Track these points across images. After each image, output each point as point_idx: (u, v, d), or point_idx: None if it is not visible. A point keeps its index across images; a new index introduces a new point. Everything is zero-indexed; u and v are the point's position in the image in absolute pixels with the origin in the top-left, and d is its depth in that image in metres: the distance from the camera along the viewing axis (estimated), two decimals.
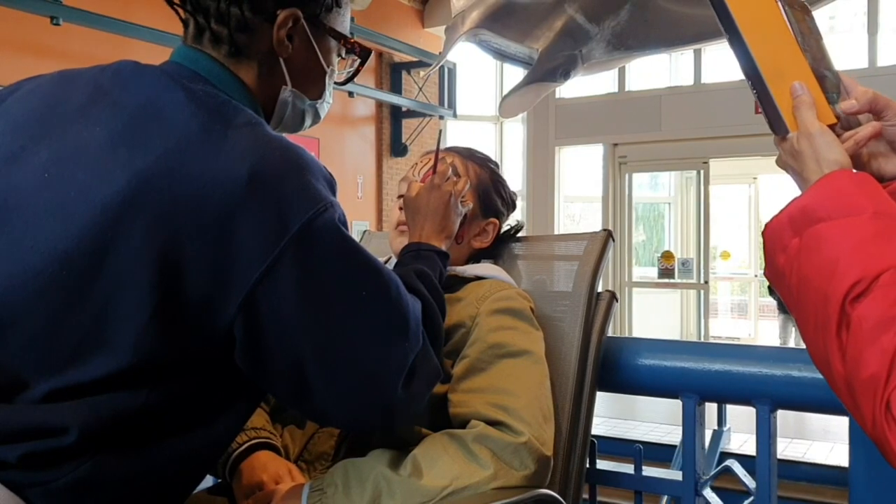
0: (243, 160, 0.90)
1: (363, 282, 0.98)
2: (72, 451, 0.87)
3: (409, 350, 1.01)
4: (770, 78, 0.89)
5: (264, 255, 0.89)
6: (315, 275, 0.93)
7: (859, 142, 0.88)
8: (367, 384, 0.99)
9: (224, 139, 0.92)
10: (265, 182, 0.90)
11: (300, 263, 0.91)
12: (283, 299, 0.91)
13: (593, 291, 1.53)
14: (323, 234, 0.93)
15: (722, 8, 0.89)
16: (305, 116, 1.15)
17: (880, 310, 0.72)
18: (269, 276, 0.90)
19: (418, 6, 9.14)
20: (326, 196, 0.95)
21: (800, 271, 0.81)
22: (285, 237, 0.90)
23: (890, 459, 0.71)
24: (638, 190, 9.17)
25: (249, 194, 0.89)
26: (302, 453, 1.33)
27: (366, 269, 0.99)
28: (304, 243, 0.91)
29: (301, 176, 0.94)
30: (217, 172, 0.89)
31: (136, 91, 0.98)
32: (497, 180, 1.54)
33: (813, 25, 0.95)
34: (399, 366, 1.00)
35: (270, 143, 0.95)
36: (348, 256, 0.97)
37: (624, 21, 4.25)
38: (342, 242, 0.96)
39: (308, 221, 0.91)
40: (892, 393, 0.69)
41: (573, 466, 1.44)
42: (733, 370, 1.48)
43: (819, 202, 0.82)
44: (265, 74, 1.07)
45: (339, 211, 0.97)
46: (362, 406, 1.01)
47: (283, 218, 0.90)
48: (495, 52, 4.33)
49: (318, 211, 0.93)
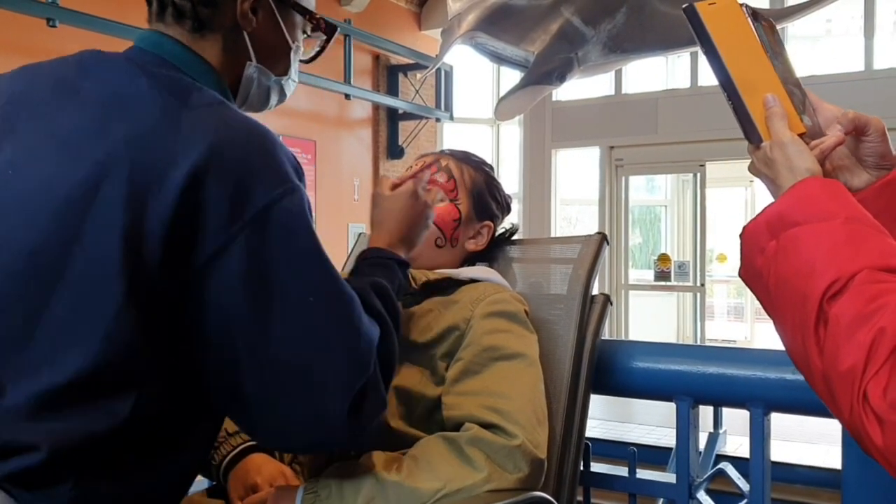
0: (204, 140, 0.88)
1: (315, 285, 0.93)
2: (44, 471, 0.84)
3: (358, 373, 0.95)
4: (744, 90, 0.94)
5: (216, 235, 0.86)
6: (264, 265, 0.89)
7: (825, 150, 0.93)
8: (305, 396, 0.92)
9: (186, 121, 0.90)
10: (226, 160, 0.88)
11: (252, 250, 0.88)
12: (226, 288, 0.88)
13: (588, 294, 1.53)
14: (282, 220, 0.90)
15: (698, 25, 0.94)
16: (271, 94, 1.12)
17: (856, 307, 0.77)
18: (217, 261, 0.87)
19: (415, 9, 9.14)
20: (291, 178, 0.92)
21: (777, 272, 0.85)
22: (242, 218, 0.87)
23: (867, 448, 0.75)
24: (634, 193, 9.17)
25: (209, 173, 0.86)
26: (296, 456, 1.33)
27: (321, 271, 0.94)
28: (260, 227, 0.88)
29: (265, 155, 0.91)
30: (177, 155, 0.87)
31: (99, 81, 0.96)
32: (492, 183, 1.54)
33: (780, 43, 1.00)
34: (344, 385, 0.94)
35: (233, 122, 0.93)
36: (304, 250, 0.93)
37: (620, 24, 4.26)
38: (302, 232, 0.92)
39: (270, 203, 0.88)
40: (869, 384, 0.73)
41: (567, 469, 1.44)
42: (727, 373, 1.48)
43: (794, 207, 0.87)
44: (229, 50, 1.05)
45: (305, 196, 0.93)
46: (298, 421, 0.94)
47: (243, 198, 0.87)
48: (491, 55, 4.34)
49: (284, 192, 0.90)
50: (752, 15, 0.96)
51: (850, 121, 0.96)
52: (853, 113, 0.97)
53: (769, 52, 0.96)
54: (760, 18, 0.98)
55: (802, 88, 0.99)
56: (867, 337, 0.74)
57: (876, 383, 0.73)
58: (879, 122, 0.97)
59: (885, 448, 0.72)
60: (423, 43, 8.89)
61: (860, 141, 0.98)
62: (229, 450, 1.30)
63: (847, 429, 0.78)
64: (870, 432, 0.73)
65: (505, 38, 4.15)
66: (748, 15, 0.96)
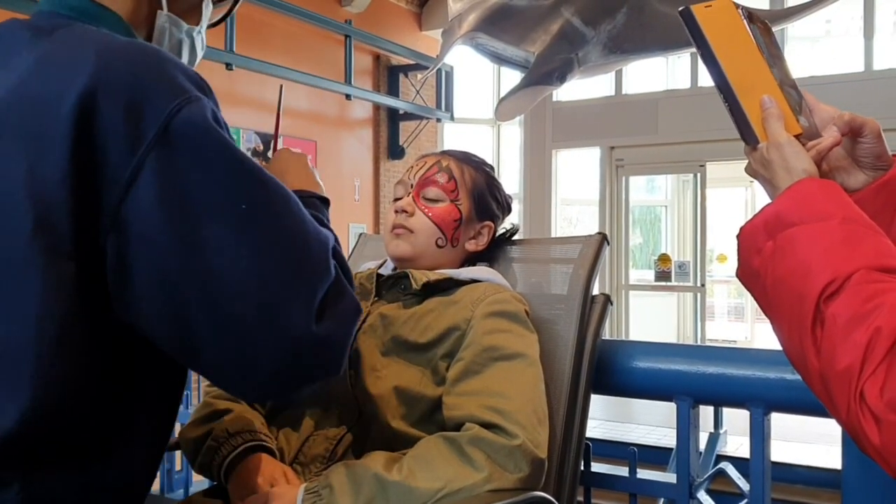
0: (83, 71, 0.81)
1: (243, 191, 0.84)
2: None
3: (316, 279, 0.86)
4: (740, 91, 0.94)
5: (124, 167, 0.79)
6: (179, 185, 0.81)
7: (822, 151, 0.94)
8: (262, 318, 0.82)
9: (65, 56, 0.84)
10: (113, 83, 0.81)
11: (161, 173, 0.80)
12: (146, 220, 0.79)
13: (588, 294, 1.53)
14: (187, 132, 0.82)
15: (694, 27, 0.95)
16: (182, 48, 1.06)
17: (852, 307, 0.77)
18: (132, 193, 0.79)
19: (416, 9, 9.15)
20: (189, 89, 0.84)
21: (774, 272, 0.86)
22: (142, 141, 0.80)
23: (864, 447, 0.76)
24: (634, 193, 9.18)
25: (95, 103, 0.80)
26: (297, 456, 1.34)
27: (246, 176, 0.85)
28: (164, 145, 0.80)
29: (155, 70, 0.84)
30: (60, 89, 0.80)
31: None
32: (492, 184, 1.54)
33: (776, 44, 1.01)
34: (303, 294, 0.84)
35: (116, 44, 0.86)
36: (221, 158, 0.83)
37: (620, 25, 4.27)
38: (212, 141, 0.83)
39: (167, 120, 0.81)
40: (866, 383, 0.74)
41: (567, 469, 1.45)
42: (727, 373, 1.48)
43: (791, 208, 0.87)
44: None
45: (210, 106, 0.85)
46: (260, 346, 0.83)
47: (138, 121, 0.80)
48: (492, 56, 4.35)
49: (179, 105, 0.82)
50: (747, 17, 0.97)
51: (846, 122, 0.97)
52: (849, 114, 0.98)
53: (765, 54, 0.97)
54: (756, 20, 0.98)
55: (799, 89, 1.00)
56: (864, 336, 0.75)
57: (873, 383, 0.73)
58: (875, 124, 0.98)
59: (882, 447, 0.73)
60: (424, 43, 8.89)
61: (856, 142, 0.98)
62: (230, 450, 1.30)
63: (844, 428, 0.79)
64: (867, 432, 0.74)
65: (505, 39, 4.16)
66: (744, 17, 0.97)
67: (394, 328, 1.38)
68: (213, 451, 1.32)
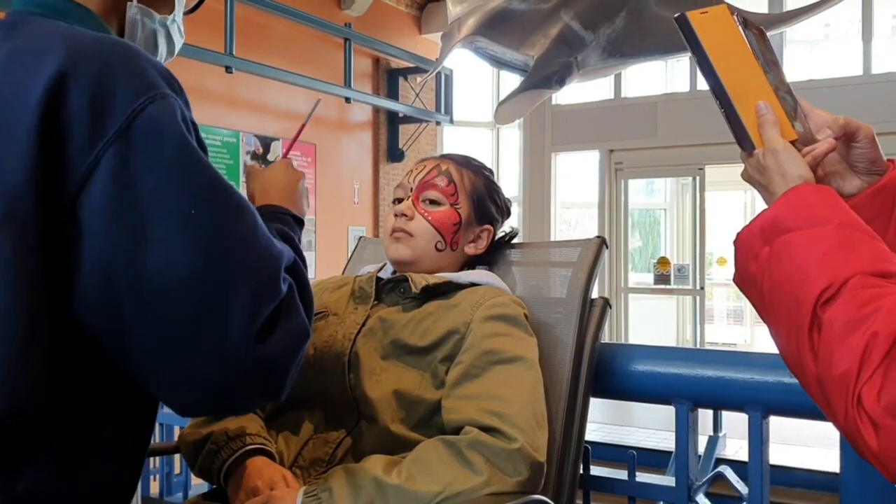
0: (50, 64, 0.80)
1: (196, 196, 0.82)
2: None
3: (264, 295, 0.83)
4: (736, 97, 0.95)
5: (82, 159, 0.78)
6: (132, 182, 0.79)
7: (817, 157, 0.95)
8: (195, 324, 0.80)
9: (32, 51, 0.83)
10: (80, 76, 0.80)
11: (117, 168, 0.79)
12: (97, 213, 0.78)
13: (587, 298, 1.54)
14: (148, 130, 0.80)
15: (690, 34, 0.95)
16: (158, 38, 1.05)
17: (849, 312, 0.78)
18: (85, 190, 0.78)
19: (415, 12, 9.15)
20: (153, 86, 0.82)
21: (771, 277, 0.86)
22: (104, 135, 0.79)
23: (861, 451, 0.76)
24: (634, 196, 9.18)
25: (63, 94, 0.79)
26: (296, 459, 1.34)
27: (202, 181, 0.83)
28: (124, 141, 0.79)
29: (124, 65, 0.82)
30: (25, 82, 0.79)
31: None
32: (492, 187, 1.55)
33: (771, 50, 1.01)
34: (247, 308, 0.81)
35: (85, 38, 0.85)
36: (178, 161, 0.82)
37: (619, 28, 4.27)
38: (173, 142, 0.82)
39: (132, 116, 0.80)
40: (863, 387, 0.74)
41: (566, 472, 1.45)
42: (726, 376, 1.49)
43: (787, 213, 0.88)
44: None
45: (179, 105, 0.84)
46: (192, 356, 0.81)
47: (102, 115, 0.79)
48: (491, 59, 4.35)
49: (144, 103, 0.81)
50: (743, 23, 0.97)
51: (840, 126, 0.98)
52: (844, 119, 0.98)
53: (760, 60, 0.97)
54: (751, 26, 0.99)
55: (794, 95, 1.00)
56: (860, 341, 0.75)
57: (870, 387, 0.74)
58: (869, 129, 0.98)
59: (879, 451, 0.73)
60: (424, 47, 8.90)
61: (851, 147, 0.99)
62: (229, 454, 1.30)
63: (842, 433, 0.79)
64: (864, 436, 0.74)
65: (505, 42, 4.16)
66: (739, 23, 0.97)
67: (393, 332, 1.38)
68: (213, 455, 1.32)
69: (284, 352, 0.85)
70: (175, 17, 1.07)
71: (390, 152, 8.69)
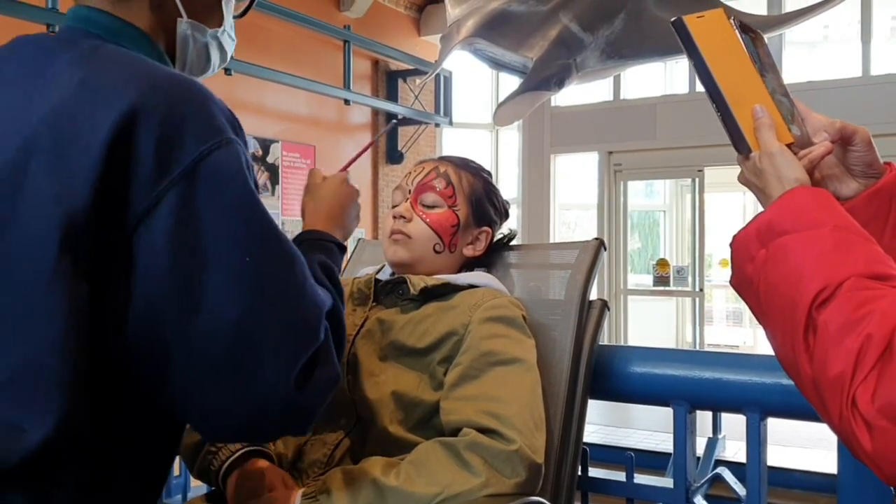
0: (124, 97, 0.83)
1: (252, 245, 0.86)
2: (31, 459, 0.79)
3: (305, 341, 0.87)
4: (732, 101, 0.95)
5: (146, 196, 0.81)
6: (192, 225, 0.82)
7: (814, 160, 0.95)
8: (243, 372, 0.84)
9: (103, 83, 0.85)
10: (150, 115, 0.82)
11: (179, 209, 0.81)
12: (154, 251, 0.81)
13: (585, 299, 1.54)
14: (212, 176, 0.83)
15: (687, 38, 0.96)
16: (210, 51, 1.07)
17: (844, 314, 0.78)
18: (144, 225, 0.81)
19: (414, 14, 9.16)
20: (220, 131, 0.85)
21: (767, 279, 0.87)
22: (170, 175, 0.81)
23: (856, 452, 0.76)
24: (633, 197, 9.18)
25: (131, 132, 0.81)
26: (295, 461, 1.34)
27: (259, 230, 0.87)
28: (189, 183, 0.82)
29: (194, 107, 0.85)
30: (97, 117, 0.82)
31: (22, 62, 0.93)
32: (490, 189, 1.55)
33: (768, 54, 1.01)
34: (289, 355, 0.85)
35: (157, 75, 0.87)
36: (238, 208, 0.85)
37: (618, 30, 4.27)
38: (235, 190, 0.85)
39: (199, 157, 0.83)
40: (858, 389, 0.75)
41: (564, 474, 1.45)
42: (723, 378, 1.49)
43: (783, 216, 0.88)
44: (157, 9, 1.00)
45: (242, 150, 0.86)
46: (237, 402, 0.85)
47: (169, 155, 0.82)
48: (490, 61, 4.35)
49: (211, 147, 0.84)
50: (739, 27, 0.97)
51: (836, 130, 0.98)
52: (840, 122, 0.99)
53: (757, 64, 0.97)
54: (748, 30, 0.99)
55: (791, 98, 1.00)
56: (855, 343, 0.76)
57: (864, 389, 0.74)
58: (865, 132, 0.99)
59: (874, 453, 0.74)
60: (423, 48, 8.90)
61: (847, 150, 1.00)
62: (228, 455, 1.31)
63: (837, 434, 0.79)
64: (859, 437, 0.74)
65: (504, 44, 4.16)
66: (736, 27, 0.97)
67: (392, 333, 1.38)
68: (212, 457, 1.32)
69: (317, 398, 0.89)
70: (225, 27, 1.09)
71: (389, 154, 8.70)
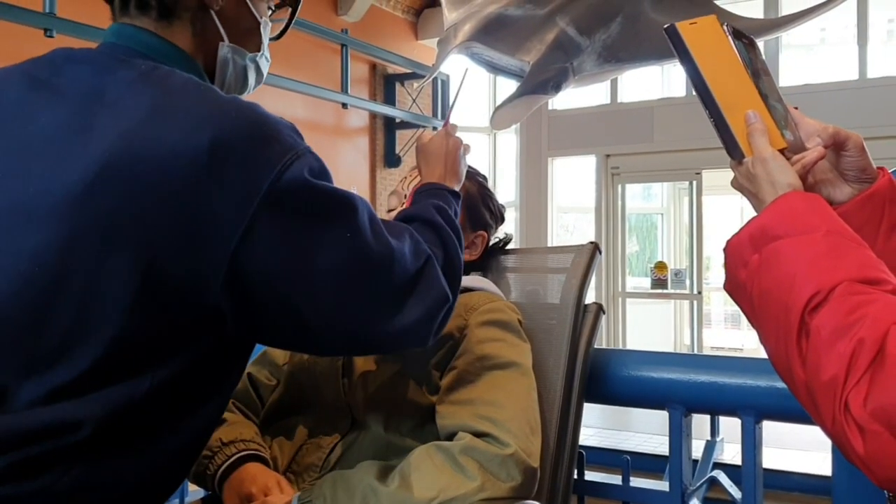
0: (201, 129, 0.88)
1: (345, 223, 0.97)
2: (76, 449, 0.85)
3: (396, 276, 1.00)
4: (725, 107, 0.96)
5: (239, 220, 0.88)
6: (292, 228, 0.92)
7: (807, 165, 0.95)
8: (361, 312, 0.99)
9: (177, 111, 0.90)
10: (226, 147, 0.88)
11: (276, 221, 0.90)
12: (266, 258, 0.90)
13: (581, 303, 1.54)
14: (293, 188, 0.91)
15: (679, 44, 0.96)
16: (248, 73, 1.13)
17: (836, 319, 0.78)
18: (248, 240, 0.88)
19: (412, 18, 9.17)
20: (290, 147, 0.93)
21: (760, 284, 0.87)
22: (256, 199, 0.88)
23: (849, 456, 0.77)
24: (630, 200, 9.19)
25: (212, 163, 0.87)
26: (290, 465, 1.34)
27: (342, 214, 0.97)
28: (275, 201, 0.89)
29: (261, 133, 0.92)
30: (176, 145, 0.87)
31: (74, 77, 0.95)
32: (485, 193, 1.55)
33: (761, 59, 1.02)
34: (386, 295, 1.00)
35: (224, 106, 0.92)
36: (325, 204, 0.95)
37: (615, 34, 4.28)
38: (318, 191, 0.94)
39: (276, 178, 0.89)
40: (850, 393, 0.75)
41: (560, 477, 1.45)
42: (719, 381, 1.49)
43: (776, 221, 0.89)
44: (199, 33, 1.04)
45: (309, 158, 0.95)
46: (364, 335, 1.01)
47: (251, 180, 0.88)
48: (487, 65, 4.35)
49: (285, 165, 0.91)
50: (732, 33, 0.98)
51: (830, 135, 0.99)
52: (833, 128, 0.99)
53: (750, 69, 0.98)
54: (741, 36, 1.00)
55: (784, 104, 1.01)
56: (847, 348, 0.76)
57: (857, 393, 0.74)
58: (858, 138, 0.99)
59: (866, 456, 0.74)
60: (420, 52, 8.91)
61: (840, 155, 1.00)
62: (224, 459, 1.31)
63: (830, 438, 0.80)
64: (851, 441, 0.75)
65: (501, 48, 4.16)
66: (728, 33, 0.97)
67: None
68: (208, 461, 1.32)
69: (422, 313, 1.03)
70: (263, 51, 1.14)
71: (387, 157, 8.70)
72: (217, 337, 0.93)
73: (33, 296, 0.86)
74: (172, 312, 0.89)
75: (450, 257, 1.11)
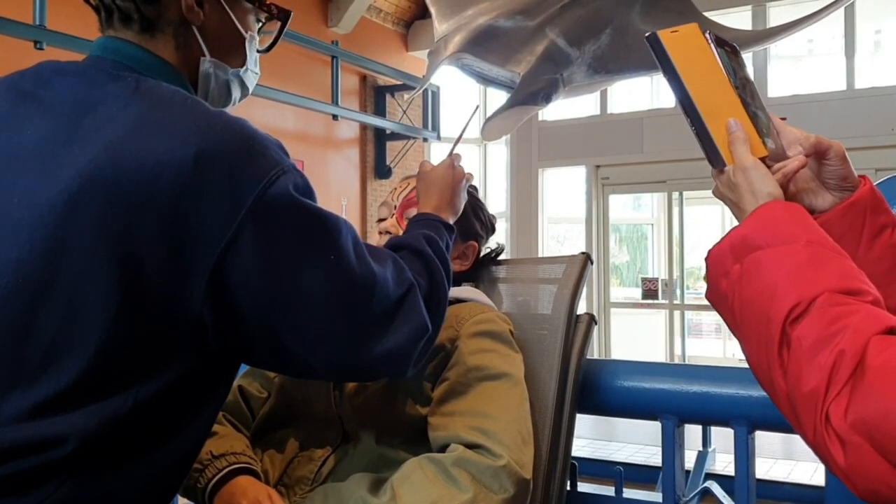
0: (187, 142, 0.88)
1: (327, 244, 0.96)
2: (62, 465, 0.84)
3: (377, 301, 0.99)
4: (706, 115, 0.95)
5: (222, 232, 0.88)
6: (275, 242, 0.92)
7: (787, 174, 0.95)
8: (339, 336, 0.98)
9: (163, 123, 0.90)
10: (212, 160, 0.88)
11: (259, 234, 0.90)
12: (248, 271, 0.90)
13: (572, 314, 1.54)
14: (278, 202, 0.91)
15: (661, 52, 0.96)
16: (231, 87, 1.12)
17: (817, 330, 0.78)
18: (231, 252, 0.89)
19: (402, 30, 9.20)
20: (277, 162, 0.93)
21: (741, 295, 0.87)
22: (241, 212, 0.89)
23: (830, 467, 0.77)
24: (621, 211, 9.22)
25: (198, 175, 0.87)
26: (282, 478, 1.33)
27: (327, 232, 0.97)
28: (260, 214, 0.90)
29: (247, 147, 0.92)
30: (161, 157, 0.87)
31: (62, 89, 0.95)
32: (475, 204, 1.55)
33: (744, 68, 1.02)
34: (365, 319, 0.99)
35: (211, 119, 0.93)
36: (307, 221, 0.95)
37: (605, 45, 4.30)
38: (300, 207, 0.94)
39: (261, 192, 0.90)
40: (831, 405, 0.75)
41: (553, 489, 1.45)
42: (711, 391, 1.49)
43: (756, 231, 0.88)
44: (182, 46, 1.04)
45: (294, 175, 0.95)
46: (341, 361, 1.00)
47: (236, 193, 0.89)
48: (477, 76, 4.36)
49: (270, 180, 0.91)
50: (714, 41, 0.98)
51: (811, 144, 0.98)
52: (815, 137, 0.99)
53: (732, 78, 0.97)
54: (724, 44, 0.99)
55: (767, 112, 1.01)
56: (828, 359, 0.76)
57: (837, 405, 0.74)
58: (840, 147, 0.99)
59: (847, 468, 0.74)
60: (410, 64, 8.93)
61: (822, 164, 1.00)
62: (214, 472, 1.30)
63: (811, 449, 0.79)
64: (832, 453, 0.75)
65: (491, 59, 4.17)
66: (710, 41, 0.97)
67: None
68: (198, 474, 1.31)
69: (401, 342, 1.02)
70: (248, 65, 1.14)
71: (377, 169, 8.70)
72: (201, 352, 0.93)
73: (17, 308, 0.86)
74: (156, 325, 0.88)
75: (435, 288, 1.10)
